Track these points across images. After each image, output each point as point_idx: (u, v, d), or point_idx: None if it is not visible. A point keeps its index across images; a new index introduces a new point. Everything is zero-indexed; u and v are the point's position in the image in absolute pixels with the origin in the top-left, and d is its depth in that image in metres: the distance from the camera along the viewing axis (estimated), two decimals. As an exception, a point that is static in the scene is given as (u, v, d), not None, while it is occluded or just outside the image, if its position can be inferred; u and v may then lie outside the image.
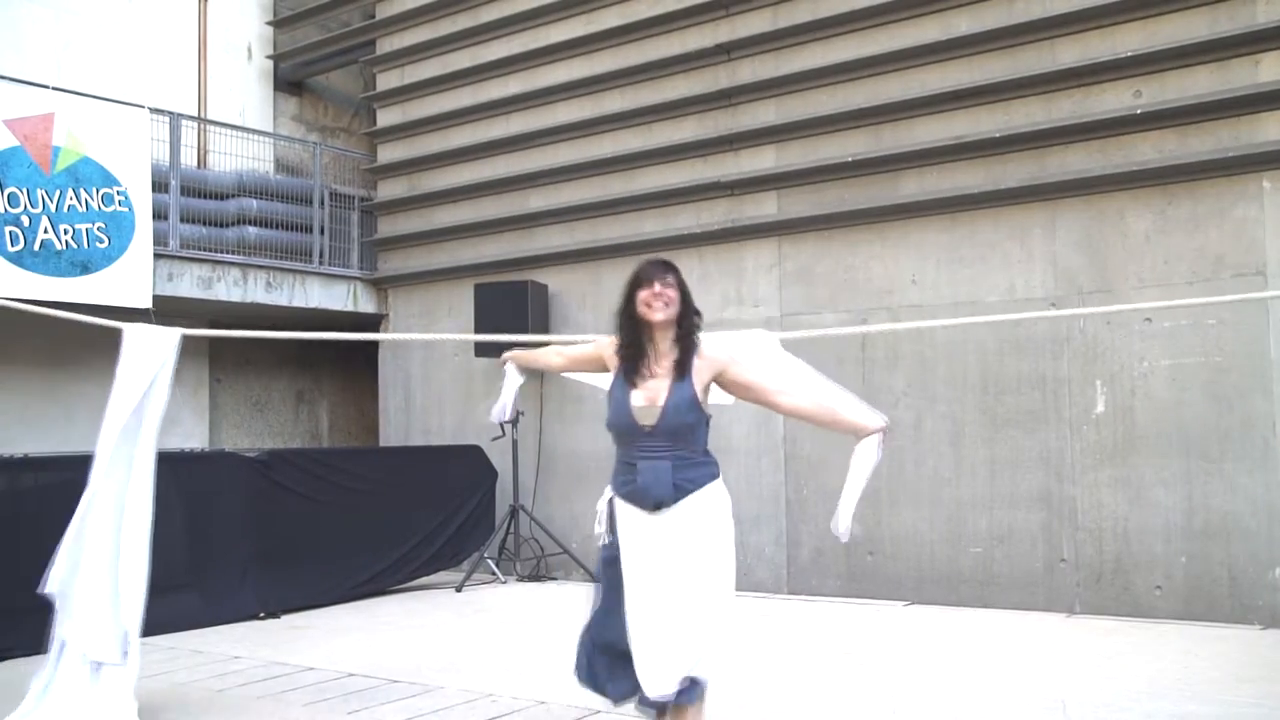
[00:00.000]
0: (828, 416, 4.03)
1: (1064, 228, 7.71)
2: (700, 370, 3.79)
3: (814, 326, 8.52)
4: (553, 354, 4.42)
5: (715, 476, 3.85)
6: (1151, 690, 5.21)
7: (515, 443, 9.81)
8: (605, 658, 3.76)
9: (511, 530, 9.80)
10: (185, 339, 5.54)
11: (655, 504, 3.71)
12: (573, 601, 8.53)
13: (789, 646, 6.54)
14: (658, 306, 3.77)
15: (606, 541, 3.85)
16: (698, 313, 3.87)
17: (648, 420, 3.74)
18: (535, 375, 10.13)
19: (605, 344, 3.99)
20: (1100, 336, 7.49)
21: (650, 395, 3.75)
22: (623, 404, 3.80)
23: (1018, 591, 7.68)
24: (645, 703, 3.69)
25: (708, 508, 3.75)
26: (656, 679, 3.60)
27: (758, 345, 5.02)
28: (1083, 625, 7.04)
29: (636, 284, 3.86)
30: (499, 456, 9.94)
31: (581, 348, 4.25)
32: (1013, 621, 7.22)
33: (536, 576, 9.71)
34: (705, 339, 3.88)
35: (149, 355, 5.73)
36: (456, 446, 10.32)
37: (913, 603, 8.00)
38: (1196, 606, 7.05)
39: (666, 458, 3.73)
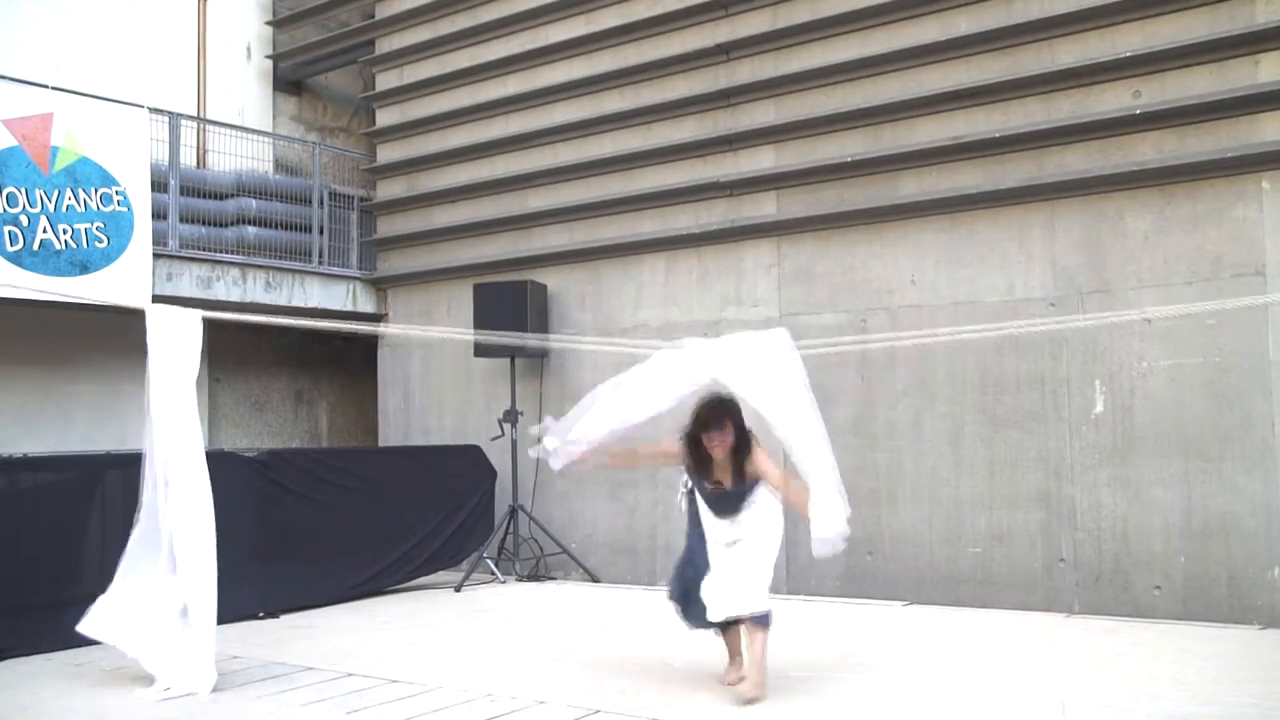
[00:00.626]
0: (798, 506, 5.20)
1: (1063, 228, 7.71)
2: (750, 466, 5.29)
3: (813, 327, 8.52)
4: (629, 455, 6.13)
5: (767, 494, 5.31)
6: (1150, 690, 5.21)
7: (514, 443, 9.81)
8: (688, 596, 5.37)
9: (510, 530, 9.80)
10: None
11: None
12: (572, 601, 8.55)
13: (788, 646, 6.53)
14: (715, 448, 5.25)
15: (687, 511, 5.58)
16: (748, 434, 5.27)
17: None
18: (535, 373, 10.17)
19: (674, 448, 5.46)
20: (1099, 336, 7.49)
21: (717, 487, 5.36)
22: (702, 487, 5.43)
23: (1017, 591, 7.68)
24: (712, 625, 5.35)
25: (762, 508, 5.29)
26: (727, 607, 5.19)
27: (773, 347, 5.30)
28: (1082, 625, 7.04)
29: (701, 426, 5.26)
30: (498, 456, 9.94)
31: (653, 448, 5.85)
32: (1012, 621, 7.22)
33: (536, 576, 9.71)
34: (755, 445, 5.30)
35: (176, 335, 6.10)
36: (455, 446, 10.32)
37: (911, 603, 8.00)
38: (1195, 606, 7.05)
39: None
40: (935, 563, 8.02)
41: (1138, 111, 7.35)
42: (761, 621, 5.18)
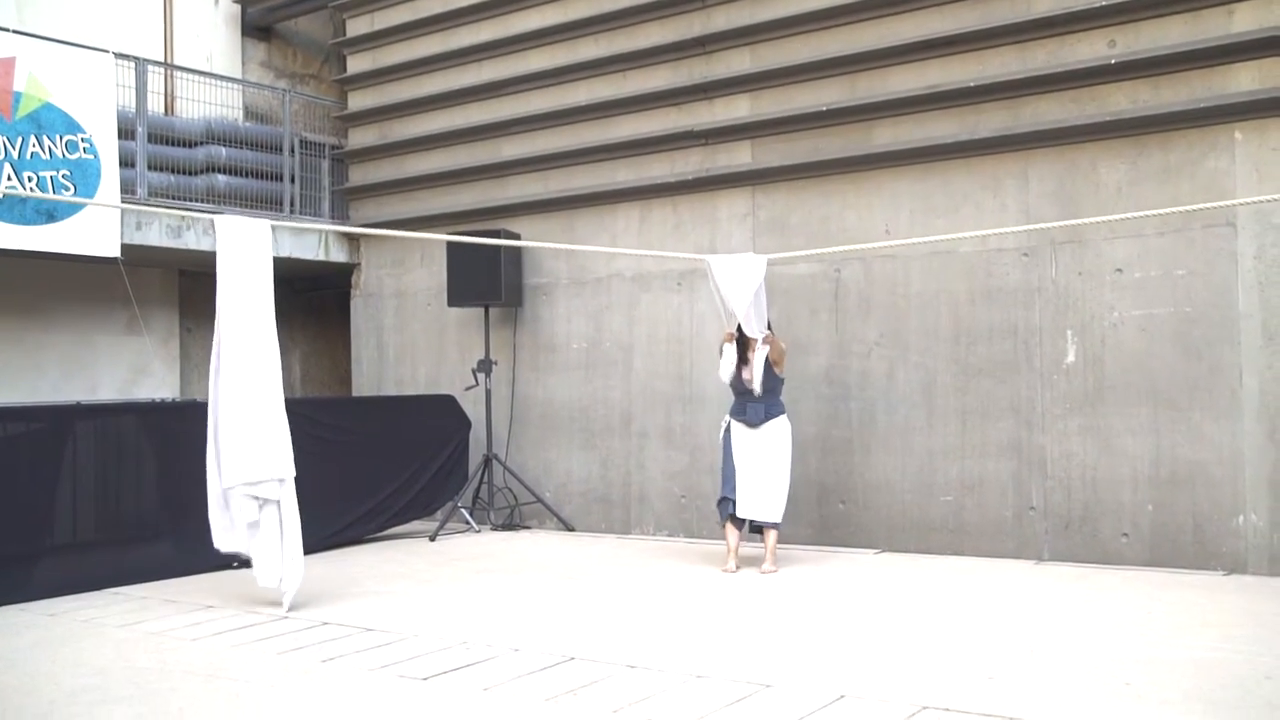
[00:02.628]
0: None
1: (1037, 178, 7.72)
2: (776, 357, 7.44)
3: (786, 276, 8.53)
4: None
5: (784, 411, 7.50)
6: (1117, 635, 5.29)
7: (488, 392, 9.81)
8: (727, 501, 7.38)
9: (485, 480, 9.82)
10: (154, 287, 5.84)
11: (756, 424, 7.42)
12: (547, 550, 8.59)
13: (760, 594, 6.60)
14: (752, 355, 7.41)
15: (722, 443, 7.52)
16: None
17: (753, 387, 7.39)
18: (509, 323, 10.16)
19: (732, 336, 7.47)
20: (1071, 287, 7.53)
21: (748, 374, 7.37)
22: (740, 384, 7.46)
23: (987, 539, 7.77)
24: (739, 522, 7.40)
25: (781, 424, 7.47)
26: (756, 513, 7.33)
27: (746, 268, 7.36)
28: (1051, 572, 7.14)
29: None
30: (472, 406, 9.94)
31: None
32: (982, 568, 7.31)
33: (510, 525, 9.75)
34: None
35: (245, 244, 6.35)
36: (430, 396, 10.31)
37: (884, 550, 8.08)
38: (1162, 553, 7.16)
39: (761, 402, 7.39)
40: (907, 511, 8.10)
41: (1112, 61, 7.34)
42: (776, 525, 7.36)
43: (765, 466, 7.34)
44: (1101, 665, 4.73)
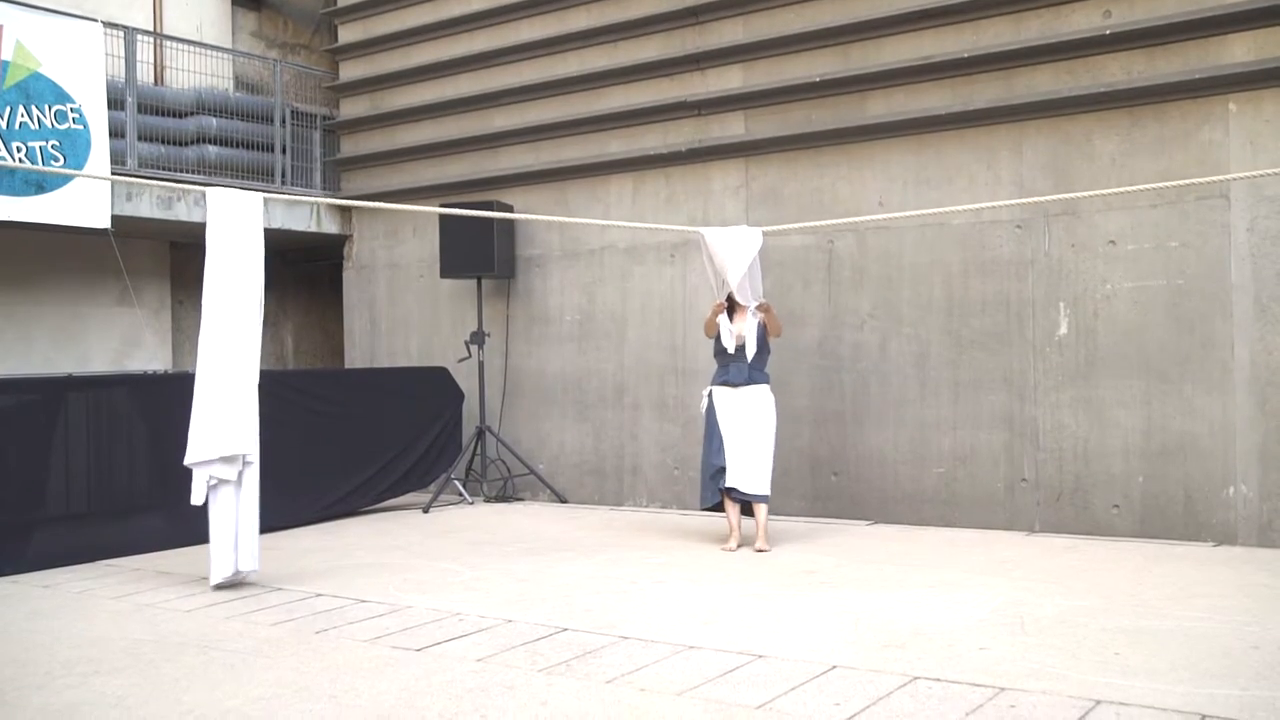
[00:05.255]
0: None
1: (1030, 149, 7.70)
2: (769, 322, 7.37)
3: (780, 248, 8.52)
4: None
5: (768, 381, 7.34)
6: (1107, 606, 5.32)
7: (481, 364, 9.80)
8: (714, 480, 7.23)
9: (478, 452, 9.83)
10: (145, 259, 5.76)
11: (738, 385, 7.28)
12: (539, 521, 8.61)
13: (752, 566, 6.63)
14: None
15: (705, 414, 7.35)
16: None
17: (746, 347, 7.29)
18: (502, 295, 10.14)
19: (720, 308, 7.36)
20: (1065, 259, 7.53)
21: (739, 334, 7.29)
22: (724, 351, 7.33)
23: (980, 511, 7.80)
24: (733, 496, 7.20)
25: (765, 393, 7.30)
26: (744, 480, 7.12)
27: (742, 239, 7.33)
28: (1042, 543, 7.17)
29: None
30: (465, 378, 9.94)
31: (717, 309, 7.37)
32: (974, 540, 7.34)
33: (504, 497, 9.77)
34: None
35: (236, 217, 6.27)
36: (423, 368, 10.30)
37: (876, 522, 8.11)
38: (1152, 524, 7.19)
39: (745, 364, 7.26)
40: (900, 483, 8.12)
41: (1107, 32, 7.31)
42: (765, 499, 7.19)
43: (751, 435, 7.15)
44: (1091, 636, 4.76)
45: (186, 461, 6.14)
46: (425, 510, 9.15)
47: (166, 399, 7.71)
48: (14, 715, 4.02)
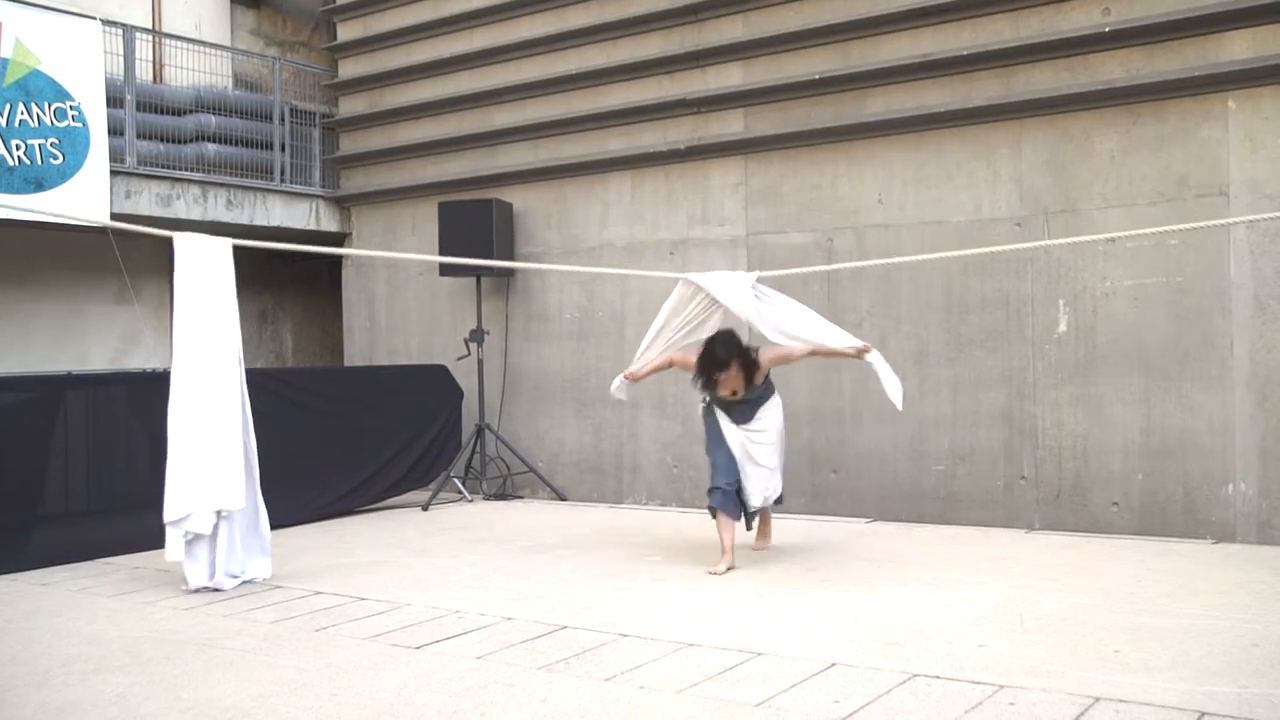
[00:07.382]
0: (823, 351, 6.50)
1: (1030, 147, 7.70)
2: (758, 377, 6.34)
3: (779, 246, 8.52)
4: (664, 362, 6.74)
5: (774, 391, 6.56)
6: (1106, 603, 5.32)
7: (481, 362, 9.80)
8: (727, 495, 6.40)
9: (478, 450, 9.83)
10: (145, 256, 5.70)
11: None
12: (539, 519, 8.61)
13: (751, 564, 6.62)
14: (724, 387, 6.27)
15: (705, 416, 6.61)
16: (752, 353, 6.28)
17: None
18: (501, 293, 10.13)
19: (685, 360, 6.49)
20: (1064, 256, 7.52)
21: (733, 396, 6.32)
22: (720, 400, 6.40)
23: (978, 508, 7.80)
24: (745, 511, 6.58)
25: (772, 407, 6.52)
26: (763, 495, 6.50)
27: (738, 290, 6.41)
28: (1041, 541, 7.17)
29: (711, 366, 6.23)
30: (464, 376, 9.93)
31: (683, 357, 6.53)
32: (973, 537, 7.34)
33: (503, 495, 9.77)
34: (759, 353, 6.33)
35: (205, 265, 6.19)
36: (422, 366, 10.30)
37: (875, 519, 8.11)
38: (1151, 522, 7.19)
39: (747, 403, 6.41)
40: (899, 480, 8.13)
41: (1106, 30, 7.31)
42: (778, 501, 6.78)
43: (763, 447, 6.46)
44: (1090, 633, 4.76)
45: (165, 520, 6.02)
46: (425, 508, 9.15)
47: (165, 397, 7.70)
48: (13, 714, 4.02)
